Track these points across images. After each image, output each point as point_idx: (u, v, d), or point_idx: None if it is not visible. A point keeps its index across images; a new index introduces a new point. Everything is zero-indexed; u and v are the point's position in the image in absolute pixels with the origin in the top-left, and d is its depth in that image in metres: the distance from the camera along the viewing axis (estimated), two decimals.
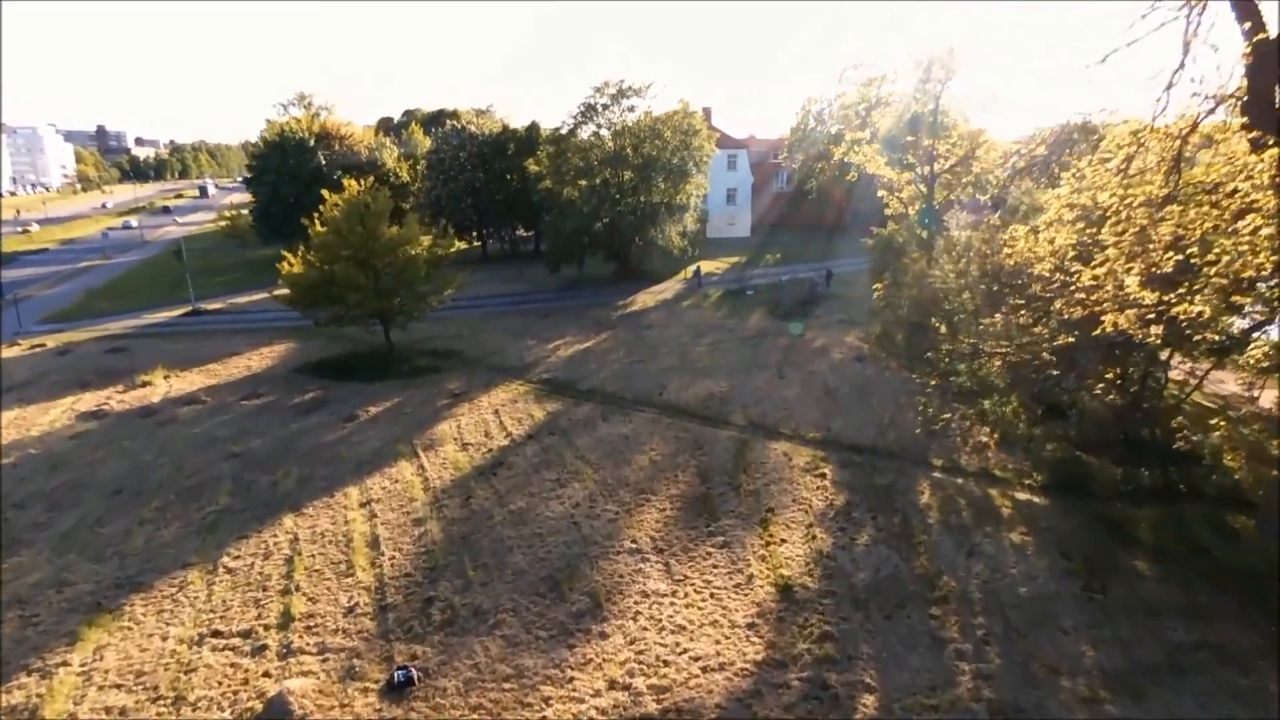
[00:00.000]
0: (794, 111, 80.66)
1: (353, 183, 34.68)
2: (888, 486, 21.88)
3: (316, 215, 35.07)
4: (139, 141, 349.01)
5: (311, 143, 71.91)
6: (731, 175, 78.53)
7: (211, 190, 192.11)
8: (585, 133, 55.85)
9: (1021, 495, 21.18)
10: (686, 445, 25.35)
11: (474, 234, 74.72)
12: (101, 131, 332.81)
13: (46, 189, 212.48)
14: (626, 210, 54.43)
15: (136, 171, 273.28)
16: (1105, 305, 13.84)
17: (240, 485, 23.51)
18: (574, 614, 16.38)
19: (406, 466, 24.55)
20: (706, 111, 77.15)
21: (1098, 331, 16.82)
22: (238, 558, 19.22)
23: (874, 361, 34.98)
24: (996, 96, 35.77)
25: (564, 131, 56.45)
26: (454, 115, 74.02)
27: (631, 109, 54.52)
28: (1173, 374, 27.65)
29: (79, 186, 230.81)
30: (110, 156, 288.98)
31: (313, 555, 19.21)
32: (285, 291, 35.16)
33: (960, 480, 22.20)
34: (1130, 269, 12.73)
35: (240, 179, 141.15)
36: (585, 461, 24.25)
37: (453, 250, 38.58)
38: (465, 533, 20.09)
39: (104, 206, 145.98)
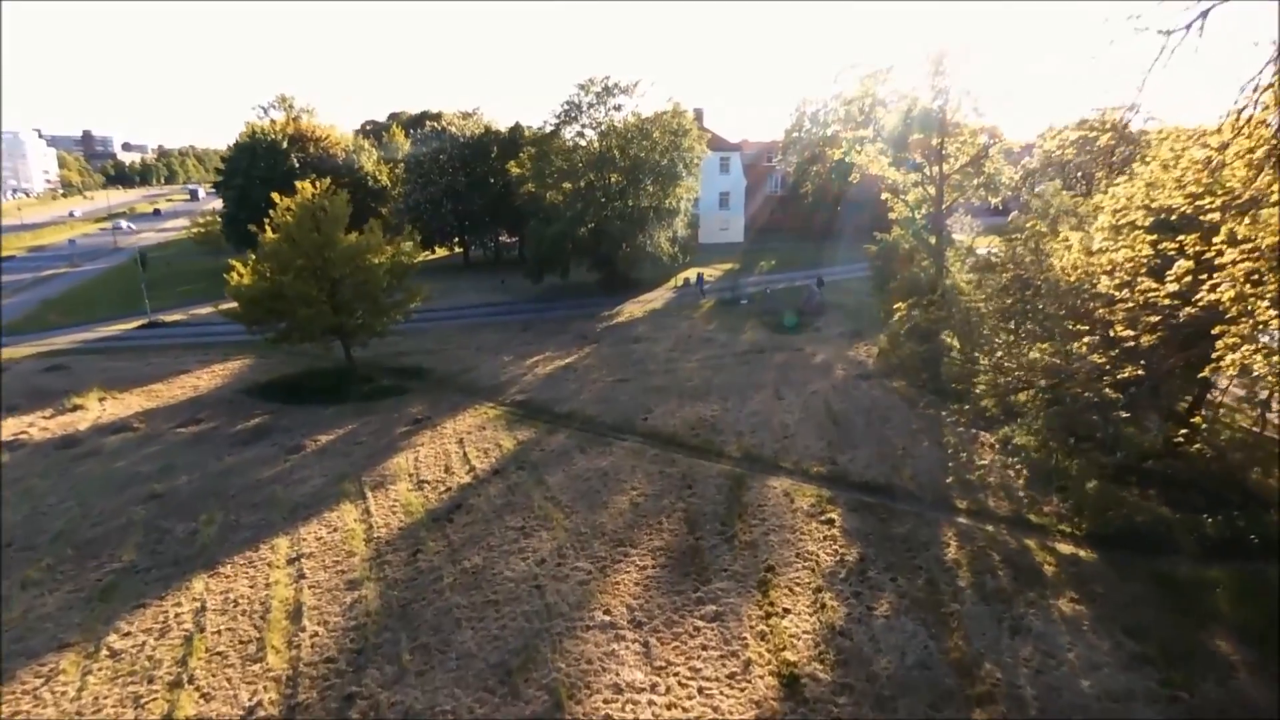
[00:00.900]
0: (788, 112, 77.60)
1: (306, 185, 31.41)
2: (906, 537, 18.69)
3: (267, 220, 31.80)
4: (126, 146, 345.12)
5: (284, 145, 68.56)
6: (724, 178, 75.52)
7: (202, 194, 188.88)
8: (569, 133, 52.76)
9: (1064, 548, 18.02)
10: (673, 483, 22.12)
11: (455, 240, 71.54)
12: (87, 136, 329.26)
13: (27, 194, 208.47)
14: (613, 215, 51.28)
15: (121, 177, 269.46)
16: (1231, 339, 10.71)
17: (152, 535, 20.15)
18: None
19: (350, 510, 21.25)
20: (698, 113, 74.12)
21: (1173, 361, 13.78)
22: (127, 635, 15.88)
23: (881, 380, 31.85)
24: (1011, 90, 32.79)
25: (546, 132, 53.32)
26: (435, 117, 70.93)
27: (618, 108, 51.44)
28: (1225, 396, 24.65)
29: (61, 192, 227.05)
30: (96, 161, 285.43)
31: (219, 631, 15.90)
32: (231, 306, 31.76)
33: (990, 527, 19.03)
34: (1261, 291, 9.62)
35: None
36: (556, 504, 20.99)
37: (420, 259, 35.18)
38: (407, 599, 16.81)
39: (71, 215, 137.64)
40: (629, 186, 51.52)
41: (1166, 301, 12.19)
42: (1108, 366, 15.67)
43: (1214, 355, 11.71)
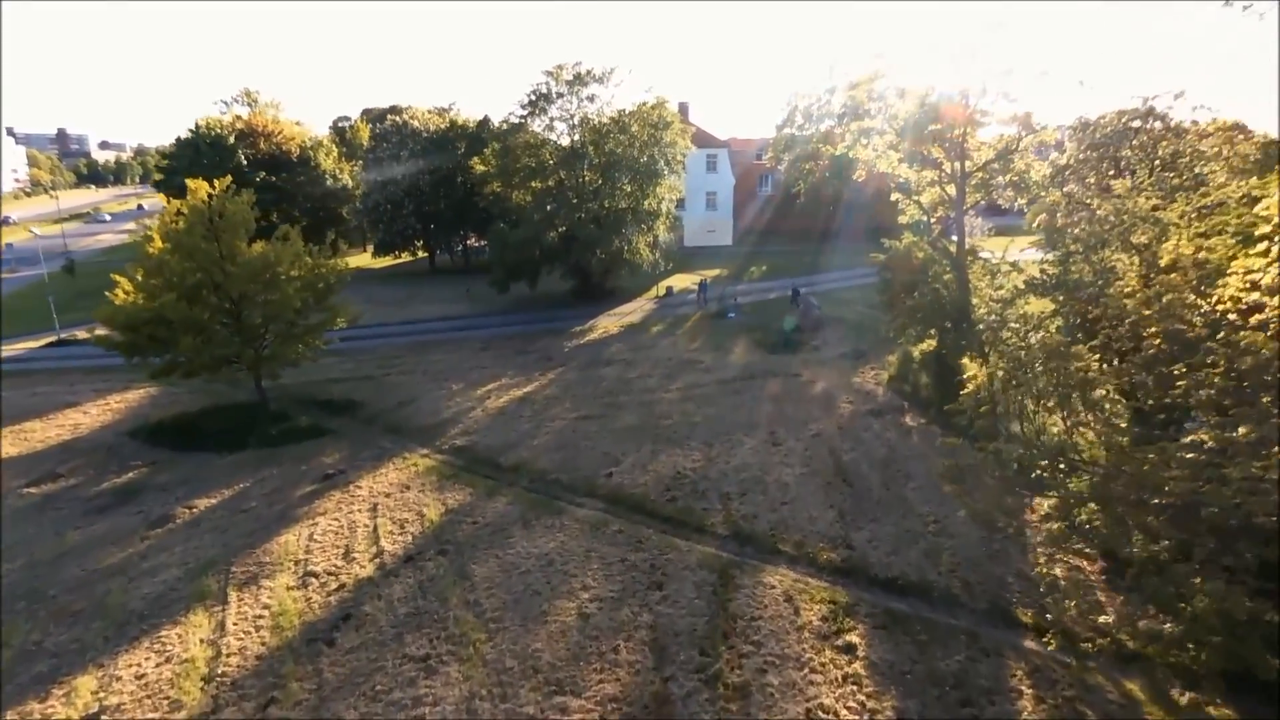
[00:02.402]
0: (780, 107, 72.32)
1: (201, 183, 25.82)
2: (959, 677, 13.39)
3: (151, 228, 26.23)
4: (104, 145, 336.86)
5: (231, 140, 62.68)
6: (712, 177, 70.20)
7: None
8: (538, 126, 47.28)
9: (1184, 698, 12.78)
10: (639, 579, 16.71)
11: (419, 244, 65.89)
12: (62, 134, 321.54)
13: None
14: (586, 218, 45.89)
15: (95, 176, 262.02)
16: None
17: None
18: None
19: (200, 624, 15.76)
20: (683, 107, 68.81)
21: None
22: None
23: (894, 417, 26.60)
24: (1046, 70, 27.58)
25: (511, 125, 47.85)
26: (398, 110, 65.27)
27: (591, 98, 46.03)
28: None
29: (28, 191, 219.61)
30: (69, 160, 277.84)
31: None
32: (103, 332, 26.07)
33: (1072, 661, 13.75)
34: None
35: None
36: (478, 616, 15.54)
37: (344, 269, 29.56)
38: None
39: (8, 220, 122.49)
40: (604, 186, 46.15)
41: None
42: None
43: None
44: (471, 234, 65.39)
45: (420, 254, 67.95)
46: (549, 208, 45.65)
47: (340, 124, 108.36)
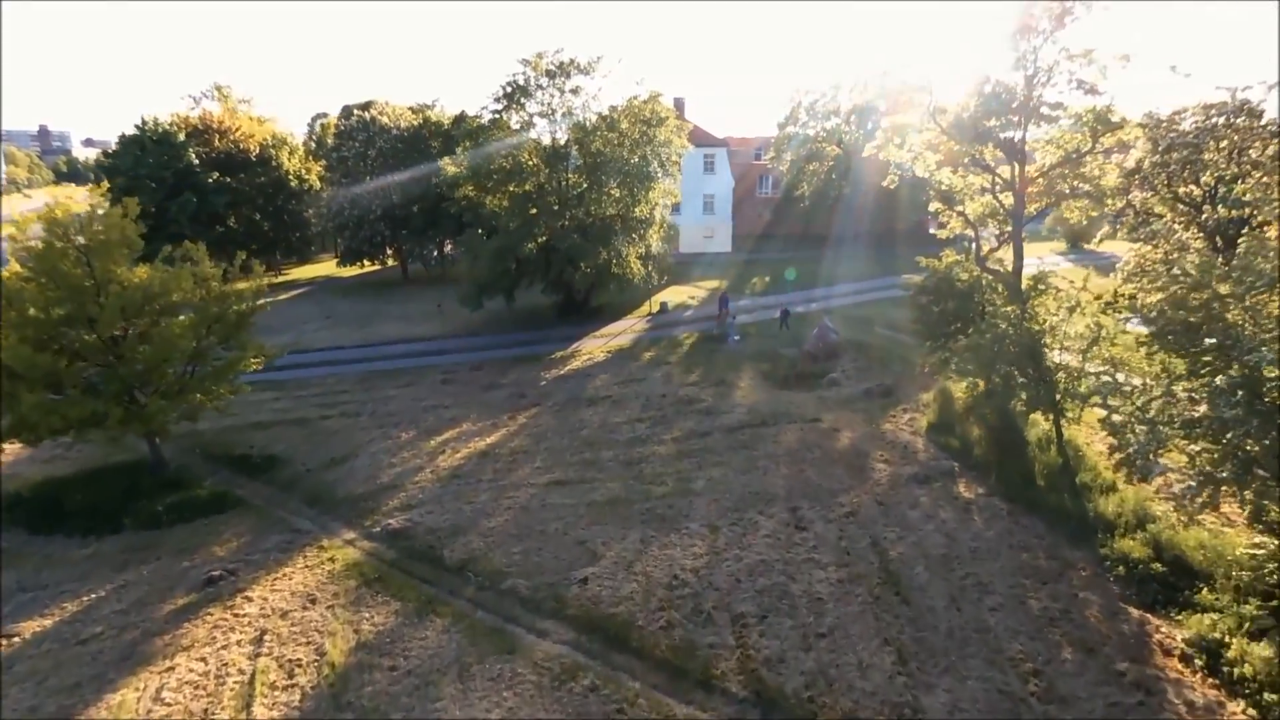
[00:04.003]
0: (782, 104, 66.87)
1: (66, 194, 20.28)
2: None
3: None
4: (89, 142, 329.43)
5: (181, 138, 56.87)
6: (709, 179, 64.72)
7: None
8: (515, 122, 41.74)
9: None
10: None
11: (389, 252, 60.23)
12: (44, 131, 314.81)
13: None
14: (570, 226, 40.44)
15: (76, 174, 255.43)
16: None
17: None
18: None
19: None
20: (679, 103, 63.59)
21: None
22: None
23: (946, 484, 21.22)
24: (1130, 53, 22.22)
25: (485, 120, 42.29)
26: (366, 106, 59.57)
27: (575, 91, 40.47)
28: None
29: (2, 189, 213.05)
30: (50, 158, 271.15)
31: None
32: None
33: None
34: None
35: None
36: None
37: (259, 289, 23.94)
38: None
39: None
40: (589, 190, 40.69)
41: None
42: None
43: None
44: (448, 240, 59.75)
45: (391, 262, 62.28)
46: (528, 215, 40.18)
47: (321, 122, 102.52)
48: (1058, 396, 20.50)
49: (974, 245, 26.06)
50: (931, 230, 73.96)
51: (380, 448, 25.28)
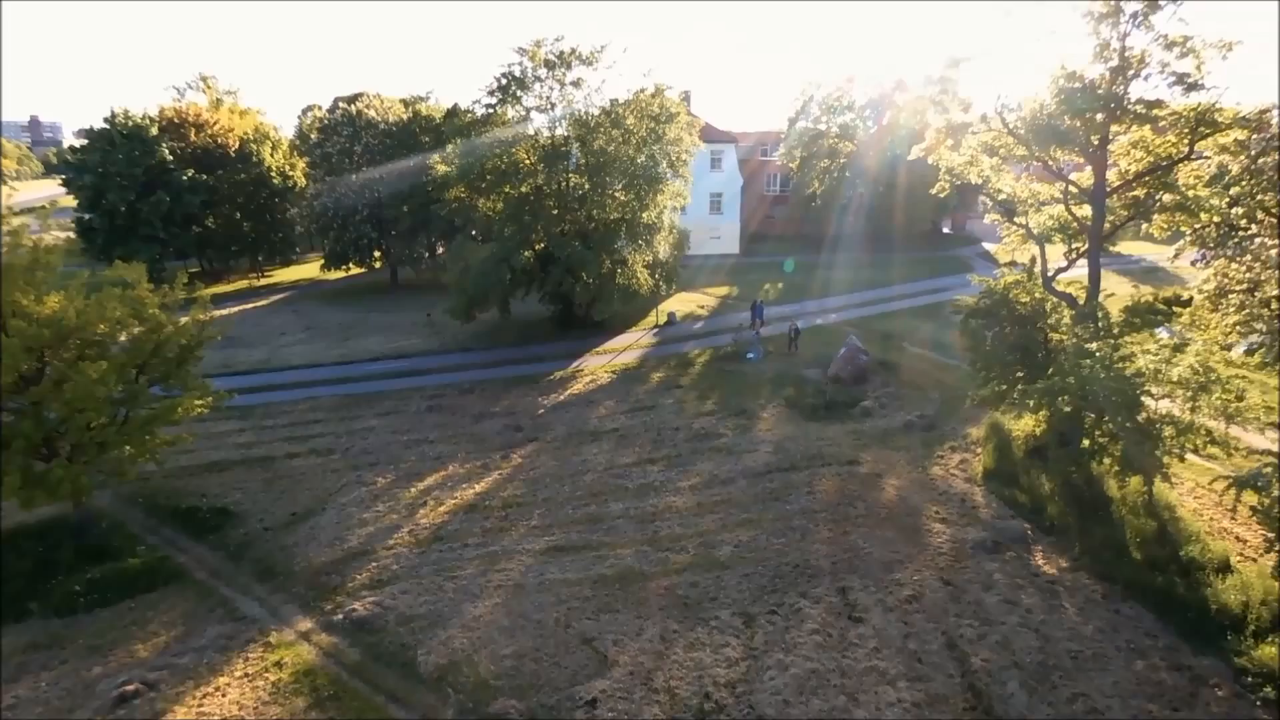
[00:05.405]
0: (793, 98, 62.99)
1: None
2: None
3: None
4: (81, 134, 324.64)
5: (154, 132, 53.09)
6: (716, 177, 61.11)
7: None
8: (512, 116, 38.07)
9: None
10: None
11: (377, 255, 56.49)
12: (35, 122, 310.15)
13: None
14: (570, 232, 36.89)
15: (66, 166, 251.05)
16: None
17: None
18: None
19: None
20: (685, 95, 59.74)
21: None
22: None
23: (1020, 554, 17.79)
24: (1234, 40, 18.71)
25: (478, 115, 38.67)
26: (352, 99, 55.72)
27: (577, 83, 36.85)
28: None
29: None
30: (40, 149, 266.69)
31: None
32: None
33: None
34: None
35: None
36: None
37: (203, 320, 20.38)
38: None
39: None
40: (592, 192, 37.07)
41: None
42: None
43: None
44: (440, 243, 56.09)
45: (379, 265, 58.58)
46: (524, 219, 36.60)
47: (307, 113, 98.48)
48: (1160, 452, 17.04)
49: (1039, 264, 22.49)
50: (945, 229, 69.92)
51: (352, 498, 21.77)
